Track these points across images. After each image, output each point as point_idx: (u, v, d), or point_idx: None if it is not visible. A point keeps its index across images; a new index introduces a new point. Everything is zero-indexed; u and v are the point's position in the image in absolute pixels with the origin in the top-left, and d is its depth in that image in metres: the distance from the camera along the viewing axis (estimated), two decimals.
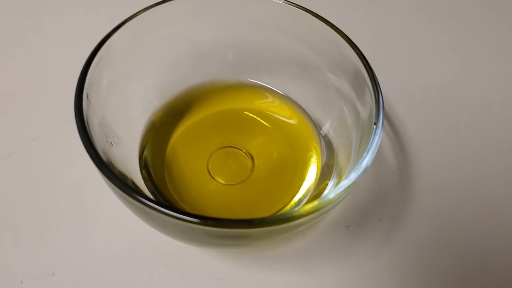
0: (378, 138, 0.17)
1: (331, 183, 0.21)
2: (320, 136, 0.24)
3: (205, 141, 0.24)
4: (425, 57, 0.32)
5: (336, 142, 0.23)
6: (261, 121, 0.25)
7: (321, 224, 0.23)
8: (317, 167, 0.23)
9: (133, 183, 0.20)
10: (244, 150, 0.23)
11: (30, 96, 0.27)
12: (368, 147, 0.17)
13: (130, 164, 0.21)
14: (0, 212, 0.22)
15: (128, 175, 0.20)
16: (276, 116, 0.25)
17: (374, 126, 0.18)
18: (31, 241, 0.21)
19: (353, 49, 0.19)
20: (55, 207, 0.22)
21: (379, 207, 0.24)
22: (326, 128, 0.24)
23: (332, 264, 0.22)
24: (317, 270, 0.22)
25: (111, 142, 0.20)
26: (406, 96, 0.28)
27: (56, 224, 0.22)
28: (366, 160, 0.17)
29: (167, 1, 0.21)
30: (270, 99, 0.25)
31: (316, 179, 0.22)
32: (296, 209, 0.15)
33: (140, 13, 0.20)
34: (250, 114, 0.25)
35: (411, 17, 0.35)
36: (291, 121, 0.25)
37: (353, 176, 0.16)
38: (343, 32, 0.20)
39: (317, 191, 0.21)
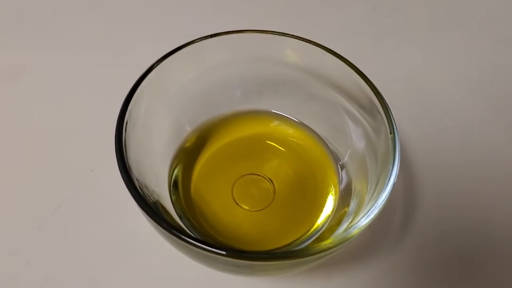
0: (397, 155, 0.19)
1: (352, 205, 0.22)
2: (337, 162, 0.25)
3: (227, 171, 0.25)
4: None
5: (352, 167, 0.24)
6: (279, 147, 0.26)
7: None
8: (335, 193, 0.24)
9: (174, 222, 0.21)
10: (264, 176, 0.25)
11: (43, 165, 0.27)
12: (389, 175, 0.18)
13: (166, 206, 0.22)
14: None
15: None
16: (293, 141, 0.26)
17: (391, 135, 0.20)
18: None
19: (360, 76, 0.21)
20: (102, 267, 0.23)
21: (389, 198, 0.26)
22: (341, 154, 0.25)
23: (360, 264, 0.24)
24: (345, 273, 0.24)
25: (150, 198, 0.20)
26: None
27: (109, 283, 0.23)
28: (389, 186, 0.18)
29: (175, 51, 0.22)
30: (289, 127, 0.27)
31: (335, 200, 0.24)
32: (321, 240, 0.17)
33: (155, 67, 0.21)
34: (269, 142, 0.26)
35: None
36: (308, 146, 0.26)
37: (373, 210, 0.18)
38: (349, 62, 0.22)
39: (341, 212, 0.23)
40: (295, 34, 0.23)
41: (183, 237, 0.16)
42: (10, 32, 0.35)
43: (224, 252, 0.16)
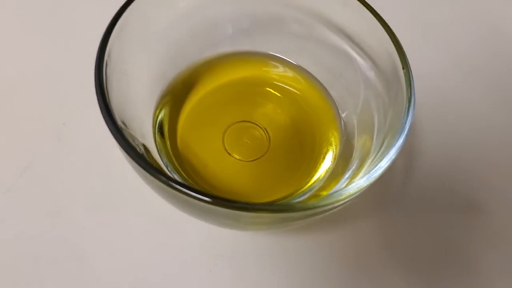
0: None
1: (354, 158, 0.21)
2: (338, 110, 0.23)
3: (216, 118, 0.23)
4: None
5: (356, 117, 0.23)
6: (273, 91, 0.24)
7: None
8: (335, 143, 0.23)
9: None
10: (257, 123, 0.23)
11: (5, 121, 0.24)
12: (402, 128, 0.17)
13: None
14: (26, 255, 0.20)
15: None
16: (289, 86, 0.24)
17: (404, 71, 0.18)
18: (65, 270, 0.20)
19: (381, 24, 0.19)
20: (87, 234, 0.21)
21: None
22: (344, 102, 0.23)
23: None
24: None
25: (137, 149, 0.18)
26: None
27: (99, 252, 0.21)
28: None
29: None
30: (286, 71, 0.25)
31: (335, 152, 0.22)
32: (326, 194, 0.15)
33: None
34: (262, 87, 0.24)
35: None
36: (306, 92, 0.24)
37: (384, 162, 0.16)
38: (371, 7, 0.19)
39: (342, 165, 0.21)
40: None
41: (172, 184, 0.14)
42: None
43: (209, 199, 0.14)
